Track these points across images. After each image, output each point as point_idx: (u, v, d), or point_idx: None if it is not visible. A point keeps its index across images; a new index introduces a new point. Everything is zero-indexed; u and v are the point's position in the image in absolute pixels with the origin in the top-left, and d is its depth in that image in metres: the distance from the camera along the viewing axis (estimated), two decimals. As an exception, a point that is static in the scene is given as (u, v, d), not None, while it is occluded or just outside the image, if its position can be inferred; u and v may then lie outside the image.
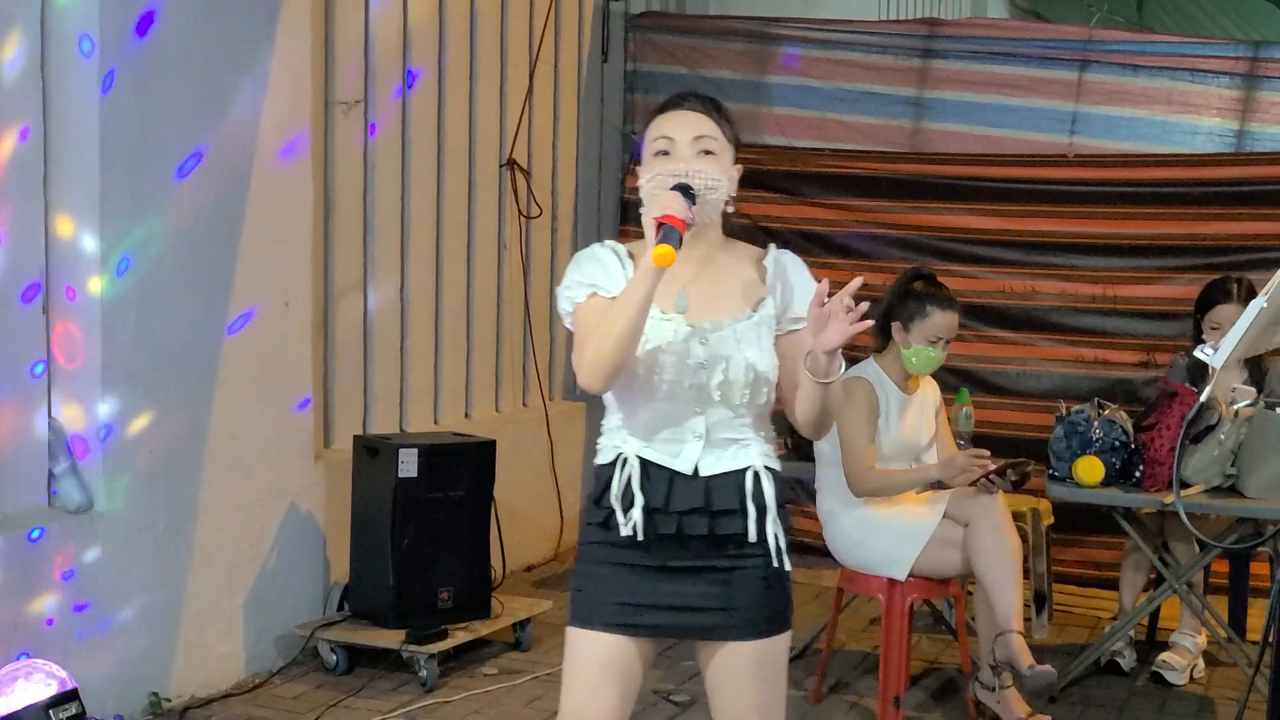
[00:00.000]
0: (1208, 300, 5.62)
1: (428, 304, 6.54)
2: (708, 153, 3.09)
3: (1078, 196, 6.92)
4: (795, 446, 5.89)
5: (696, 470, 3.06)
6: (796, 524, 7.30)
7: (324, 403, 5.95)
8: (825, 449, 5.18)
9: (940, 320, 5.08)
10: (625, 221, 7.76)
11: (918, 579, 5.10)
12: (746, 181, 8.43)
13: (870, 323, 3.02)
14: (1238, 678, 5.59)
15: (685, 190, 3.01)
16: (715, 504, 3.07)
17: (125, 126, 4.82)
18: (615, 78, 7.82)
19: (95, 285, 4.78)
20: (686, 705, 5.35)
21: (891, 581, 5.09)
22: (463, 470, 5.66)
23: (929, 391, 5.28)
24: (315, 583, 5.75)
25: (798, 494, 7.28)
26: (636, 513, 3.05)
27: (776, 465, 3.15)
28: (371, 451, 5.61)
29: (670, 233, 2.91)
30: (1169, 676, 5.65)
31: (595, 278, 3.08)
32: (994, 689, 5.09)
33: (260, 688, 5.35)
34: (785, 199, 7.39)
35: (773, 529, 3.11)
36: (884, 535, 5.07)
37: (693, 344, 3.05)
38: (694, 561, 3.08)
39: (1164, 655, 5.71)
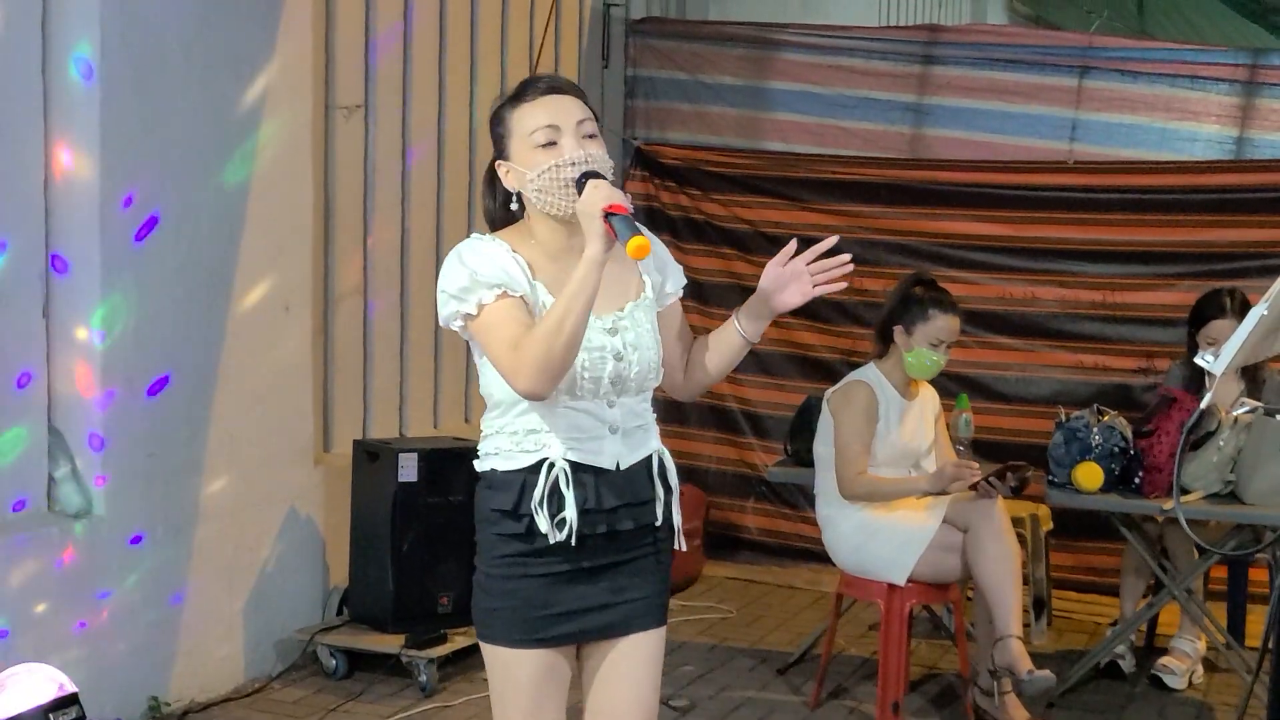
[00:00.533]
0: (1201, 315, 5.61)
1: (427, 308, 6.53)
2: (591, 136, 2.99)
3: (1078, 203, 6.92)
4: (794, 452, 5.90)
5: (618, 465, 3.01)
6: (798, 530, 7.31)
7: (324, 407, 5.95)
8: (825, 453, 5.19)
9: (943, 323, 5.09)
10: (625, 227, 7.75)
11: (917, 584, 5.10)
12: (746, 186, 8.42)
13: (842, 285, 3.08)
14: (1237, 684, 5.59)
15: (597, 178, 2.90)
16: (637, 495, 3.03)
17: (126, 130, 4.82)
18: (615, 83, 7.83)
19: (95, 288, 4.78)
20: (685, 710, 5.34)
21: (891, 586, 5.09)
22: (462, 475, 5.65)
23: (928, 398, 5.30)
24: (315, 587, 5.75)
25: (797, 499, 7.29)
26: (571, 515, 2.93)
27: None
28: (371, 456, 5.60)
29: (628, 222, 2.83)
30: (1168, 680, 5.66)
31: (496, 276, 2.92)
32: (993, 695, 5.09)
33: (259, 692, 5.35)
34: (785, 204, 7.39)
35: (676, 512, 3.11)
36: (883, 540, 5.07)
37: (607, 336, 2.99)
38: (615, 557, 3.02)
39: (1163, 659, 5.72)
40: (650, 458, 3.07)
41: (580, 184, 2.91)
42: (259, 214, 5.34)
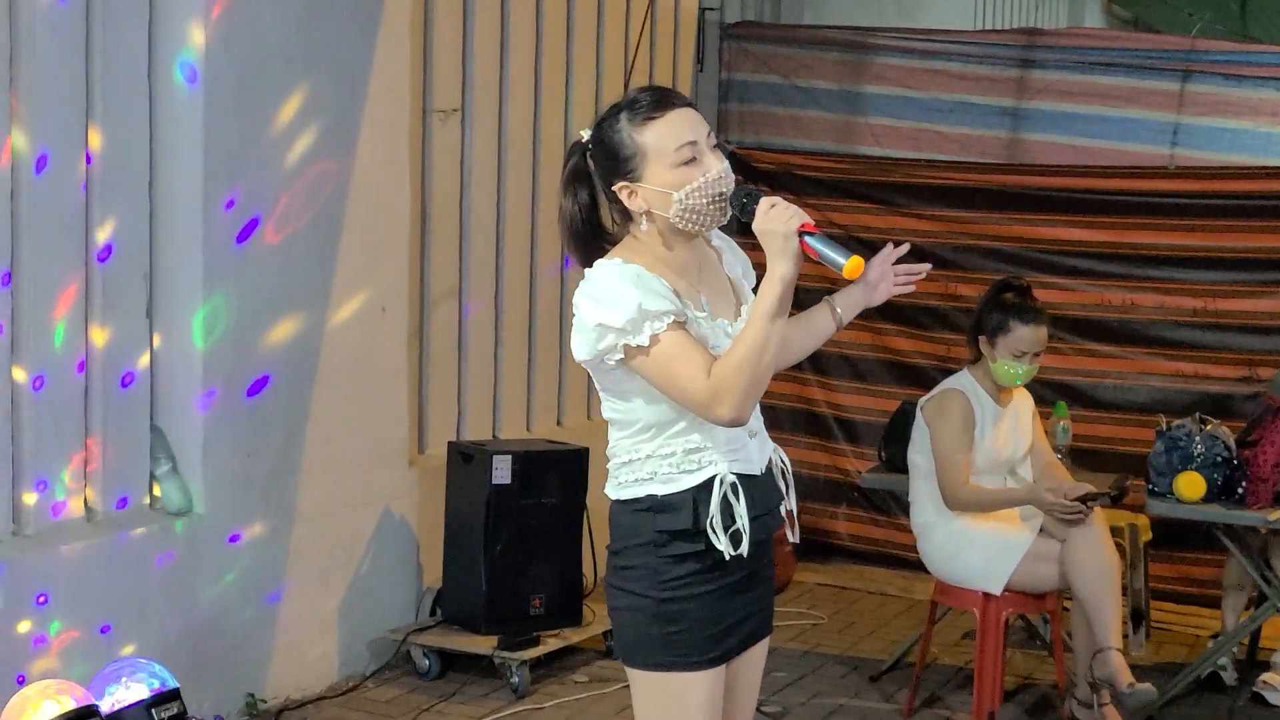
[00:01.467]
0: None
1: (522, 311, 6.57)
2: (718, 147, 2.95)
3: (1179, 209, 6.82)
4: (888, 458, 5.86)
5: (763, 468, 3.00)
6: (890, 536, 7.27)
7: (418, 409, 5.99)
8: (920, 462, 5.15)
9: (1024, 334, 4.99)
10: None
11: (1013, 594, 5.05)
12: (841, 191, 8.36)
13: (910, 288, 3.17)
14: (1342, 700, 5.48)
15: (751, 195, 2.88)
16: (775, 496, 3.02)
17: (228, 134, 4.88)
18: (709, 87, 7.82)
19: (198, 290, 4.85)
20: (778, 716, 5.32)
21: (986, 596, 5.05)
22: (556, 478, 5.68)
23: (1023, 403, 5.22)
24: (408, 588, 5.79)
25: (890, 506, 7.25)
26: (745, 526, 2.90)
27: None
28: (465, 458, 5.63)
29: (829, 240, 2.82)
30: (1270, 698, 5.55)
31: (663, 304, 2.83)
32: (1091, 706, 5.03)
33: (353, 691, 5.40)
34: (879, 209, 7.35)
35: (793, 501, 3.10)
36: (979, 549, 5.02)
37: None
38: (759, 563, 2.99)
39: (1266, 675, 5.61)
40: (772, 456, 3.06)
41: (739, 203, 2.87)
42: (357, 217, 5.39)
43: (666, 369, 2.83)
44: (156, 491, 4.88)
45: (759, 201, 2.85)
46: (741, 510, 2.90)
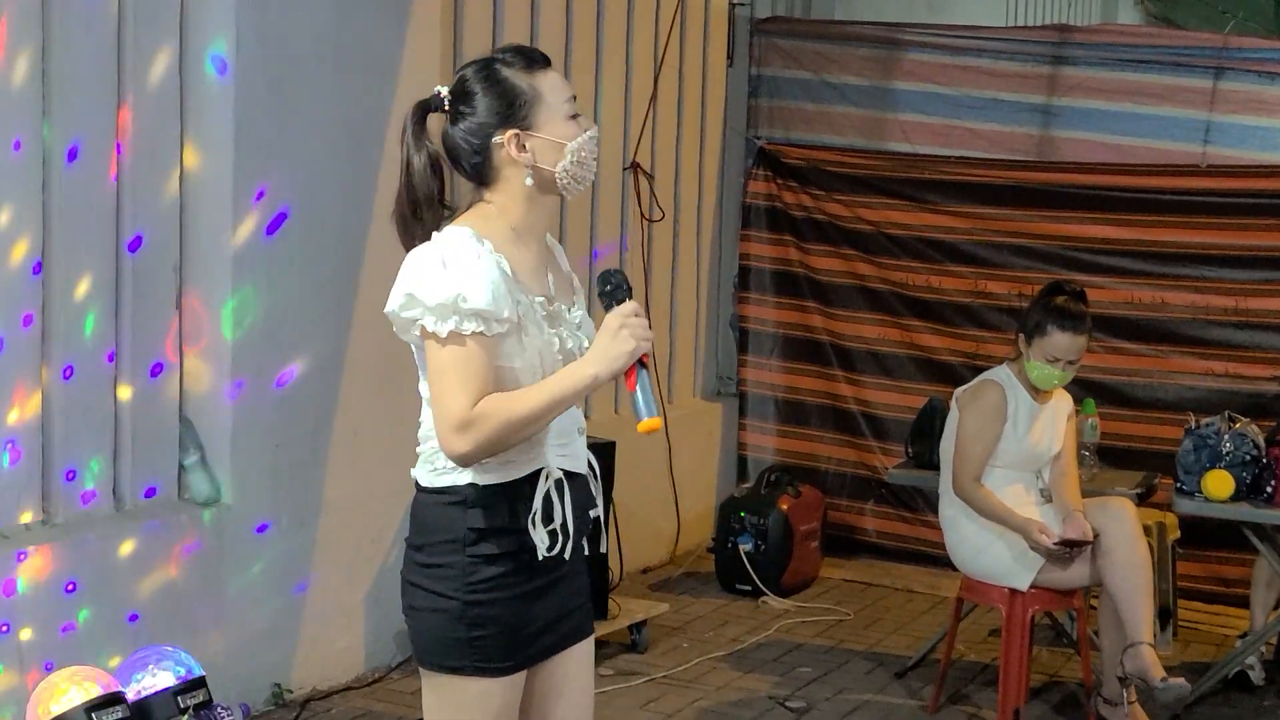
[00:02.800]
0: None
1: (550, 306, 6.56)
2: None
3: (1211, 207, 6.79)
4: (915, 454, 5.85)
5: (589, 465, 2.88)
6: (917, 533, 7.25)
7: (446, 402, 5.98)
8: (951, 454, 5.12)
9: (1059, 341, 4.94)
10: (746, 225, 7.75)
11: (1040, 590, 5.03)
12: (870, 187, 8.36)
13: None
14: (1371, 701, 5.45)
15: (622, 286, 2.72)
16: (592, 497, 2.90)
17: (258, 126, 4.90)
18: (740, 82, 7.81)
19: (226, 282, 4.87)
20: (802, 712, 5.32)
21: (1013, 592, 5.03)
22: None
23: (1062, 404, 5.17)
24: (435, 580, 5.79)
25: (917, 503, 7.23)
26: (570, 524, 2.76)
27: None
28: (492, 451, 5.63)
29: (648, 388, 2.68)
30: (1299, 698, 5.53)
31: (484, 305, 2.63)
32: (1119, 704, 5.01)
33: (379, 682, 5.41)
34: (908, 206, 7.34)
35: (599, 508, 3.02)
36: (1006, 544, 5.00)
37: (577, 334, 2.84)
38: (573, 565, 2.85)
39: (1294, 675, 5.59)
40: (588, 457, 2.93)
41: (607, 281, 2.72)
42: (386, 209, 5.37)
43: (440, 372, 2.66)
44: (185, 482, 4.91)
45: (629, 298, 2.72)
46: (566, 508, 2.76)
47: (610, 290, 2.74)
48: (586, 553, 2.96)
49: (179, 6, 4.78)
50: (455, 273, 2.66)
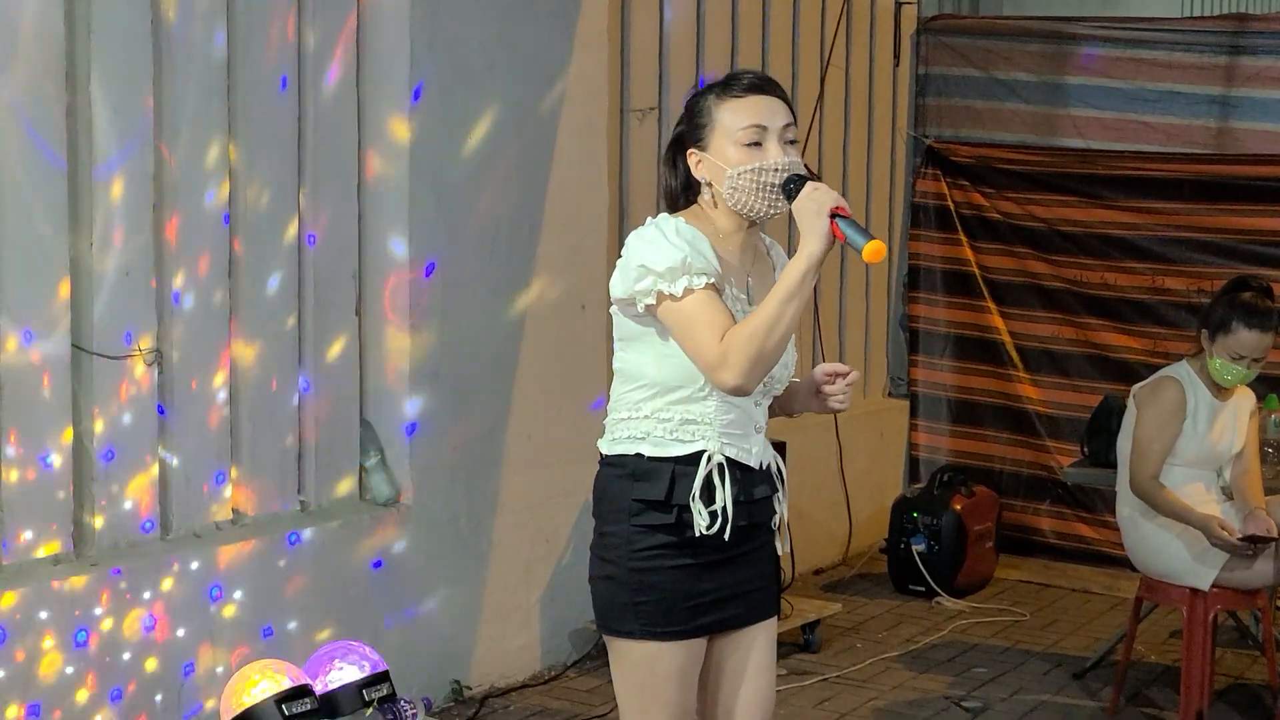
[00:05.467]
0: None
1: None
2: (792, 142, 3.01)
3: (1398, 195, 6.59)
4: (1092, 453, 5.77)
5: (761, 464, 3.07)
6: (1095, 533, 7.14)
7: (618, 404, 6.06)
8: (1129, 452, 5.03)
9: (1244, 338, 4.82)
10: (916, 225, 7.71)
11: (1222, 590, 4.93)
12: (1042, 184, 8.23)
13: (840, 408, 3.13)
14: None
15: (801, 180, 2.95)
16: (768, 490, 3.10)
17: (432, 135, 5.02)
18: (906, 82, 7.77)
19: (404, 287, 5.00)
20: (978, 712, 5.28)
21: (1194, 592, 4.93)
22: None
23: (1244, 401, 5.05)
24: (609, 580, 5.86)
25: (1094, 502, 7.12)
26: (729, 508, 2.96)
27: None
28: (664, 452, 5.68)
29: (857, 225, 2.88)
30: None
31: (706, 265, 2.92)
32: (1305, 706, 4.89)
33: (555, 680, 5.50)
34: (1083, 202, 7.24)
35: (784, 508, 3.17)
36: (1187, 543, 4.91)
37: None
38: (744, 548, 3.05)
39: None
40: (771, 461, 3.14)
41: (788, 189, 2.94)
42: (556, 215, 5.49)
43: (688, 324, 2.90)
44: (366, 483, 5.06)
45: (805, 184, 2.93)
46: (726, 492, 2.96)
47: (791, 188, 2.95)
48: (774, 544, 3.17)
49: (356, 21, 4.93)
50: (674, 241, 2.93)
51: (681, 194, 3.09)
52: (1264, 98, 7.06)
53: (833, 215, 2.88)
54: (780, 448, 5.71)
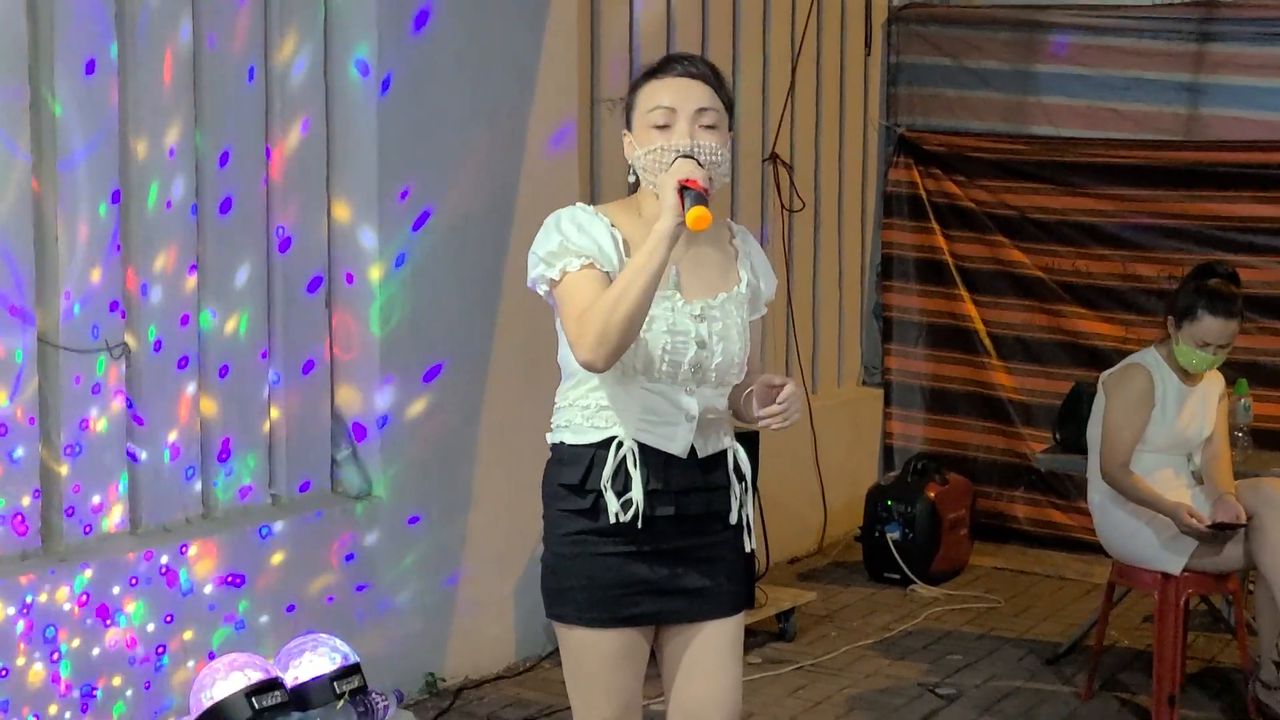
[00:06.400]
0: None
1: (691, 298, 6.60)
2: (710, 127, 2.99)
3: (1368, 181, 6.61)
4: (1063, 439, 5.79)
5: (693, 453, 3.01)
6: (1069, 519, 7.16)
7: (591, 395, 6.05)
8: (1099, 439, 5.05)
9: (1210, 325, 4.84)
10: (888, 214, 7.71)
11: (1194, 574, 4.95)
12: (1013, 172, 8.23)
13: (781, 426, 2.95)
14: None
15: (690, 158, 2.96)
16: (709, 482, 3.04)
17: (401, 125, 5.01)
18: (878, 71, 7.78)
19: (373, 278, 4.98)
20: (952, 699, 5.29)
21: (1165, 576, 4.95)
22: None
23: (1212, 386, 5.07)
24: (583, 571, 5.86)
25: (1067, 489, 7.14)
26: (637, 495, 2.93)
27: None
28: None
29: (698, 197, 2.87)
30: None
31: (587, 247, 2.94)
32: (1276, 688, 4.91)
33: (529, 671, 5.49)
34: (1054, 190, 7.25)
35: (749, 509, 3.12)
36: (1158, 528, 4.92)
37: (693, 322, 2.99)
38: (684, 542, 3.02)
39: None
40: (725, 452, 3.07)
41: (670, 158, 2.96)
42: (528, 206, 5.48)
43: (560, 305, 2.96)
44: (337, 476, 5.04)
45: (676, 160, 2.93)
46: (637, 479, 2.94)
47: (669, 162, 2.96)
48: (736, 539, 3.10)
49: (323, 12, 4.91)
50: (562, 227, 2.97)
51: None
52: (1233, 84, 7.08)
53: (681, 188, 2.88)
54: (753, 438, 5.77)
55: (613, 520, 2.95)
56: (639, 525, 2.96)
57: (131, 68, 4.38)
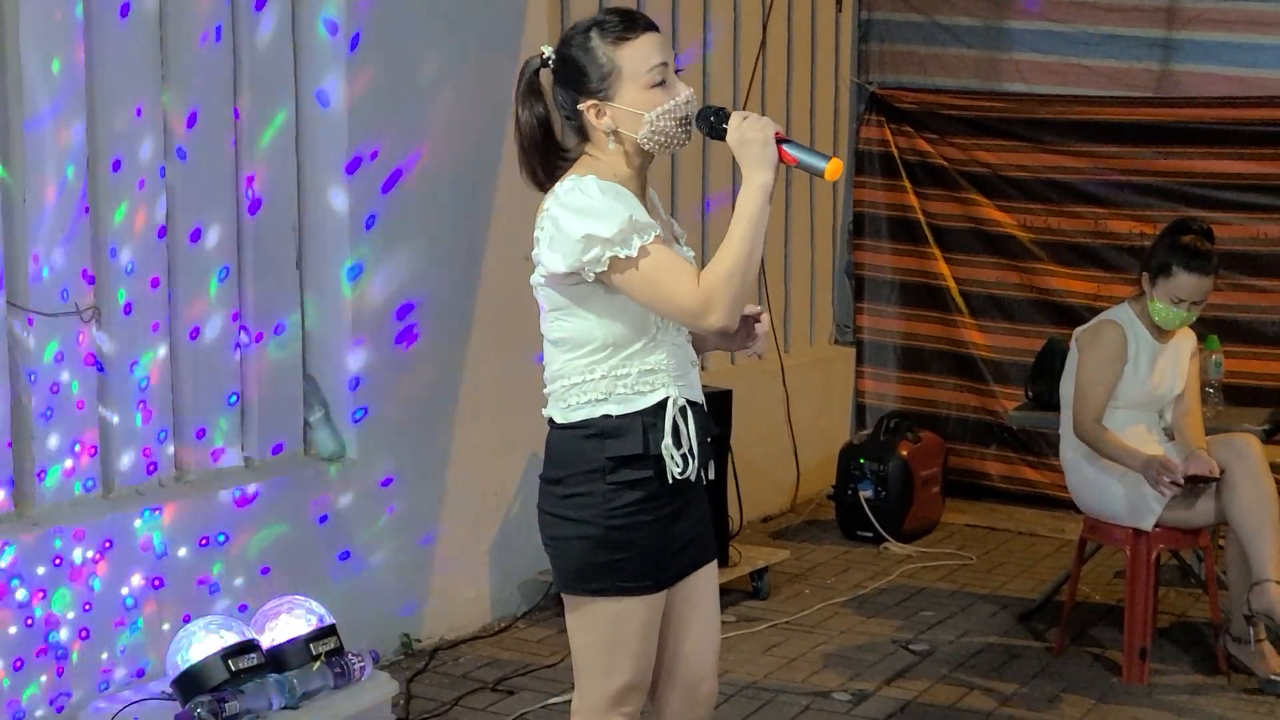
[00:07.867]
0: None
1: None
2: (678, 71, 3.03)
3: (1338, 138, 6.63)
4: (1035, 397, 5.80)
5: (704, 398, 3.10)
6: (1041, 476, 7.19)
7: (564, 355, 6.04)
8: (1070, 393, 5.07)
9: (1184, 282, 4.86)
10: (860, 172, 7.70)
11: (1165, 529, 4.98)
12: (986, 129, 8.21)
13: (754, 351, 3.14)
14: None
15: (718, 110, 2.97)
16: (710, 424, 3.10)
17: (371, 85, 4.97)
18: (849, 27, 7.75)
19: (344, 240, 4.95)
20: (925, 655, 5.32)
21: (1137, 532, 4.98)
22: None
23: (1185, 343, 5.10)
24: (557, 531, 5.86)
25: (1040, 446, 7.17)
26: (694, 450, 2.98)
27: None
28: (610, 402, 5.67)
29: (805, 147, 2.93)
30: None
31: (646, 219, 2.91)
32: (1247, 642, 4.95)
33: (505, 631, 5.50)
34: (1027, 147, 7.26)
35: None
36: (1129, 484, 4.95)
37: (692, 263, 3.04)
38: (696, 489, 3.08)
39: None
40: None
41: (709, 119, 2.96)
42: (501, 165, 5.45)
43: (653, 281, 2.88)
44: (310, 438, 5.02)
45: (729, 118, 2.93)
46: (691, 433, 2.98)
47: (713, 120, 2.97)
48: (707, 481, 3.15)
49: (291, -29, 4.86)
50: (611, 203, 2.89)
51: (551, 148, 3.04)
52: (1205, 40, 7.08)
53: (780, 141, 2.91)
54: (726, 396, 5.78)
55: (673, 479, 2.96)
56: (693, 479, 3.01)
57: (98, 27, 4.33)
